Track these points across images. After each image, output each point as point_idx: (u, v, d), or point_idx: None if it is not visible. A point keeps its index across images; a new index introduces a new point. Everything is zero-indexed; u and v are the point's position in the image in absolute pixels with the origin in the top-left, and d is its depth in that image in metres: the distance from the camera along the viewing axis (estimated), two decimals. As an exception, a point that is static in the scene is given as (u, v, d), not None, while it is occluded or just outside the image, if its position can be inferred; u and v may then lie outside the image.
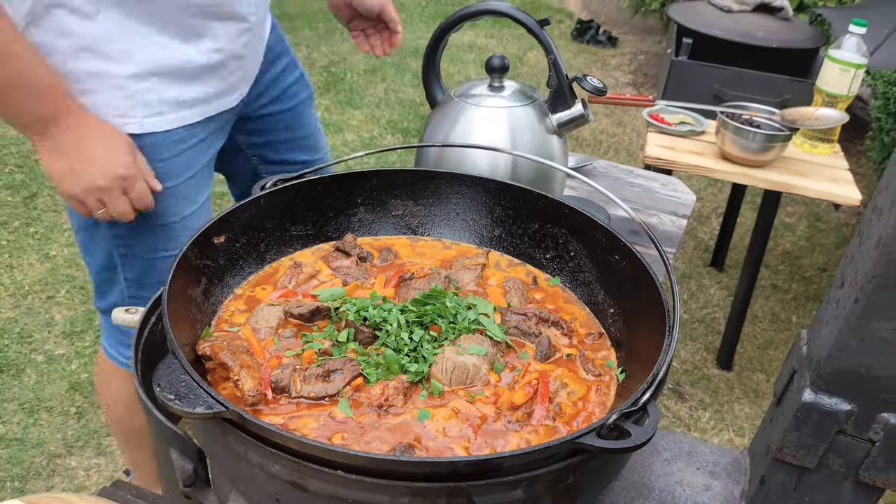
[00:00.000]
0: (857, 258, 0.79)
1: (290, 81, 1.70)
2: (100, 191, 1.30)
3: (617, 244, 1.07)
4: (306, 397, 0.90)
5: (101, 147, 1.29)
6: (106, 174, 1.29)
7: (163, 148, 1.41)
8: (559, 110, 1.39)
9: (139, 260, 1.49)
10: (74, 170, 1.28)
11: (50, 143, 1.26)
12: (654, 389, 0.79)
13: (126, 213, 1.35)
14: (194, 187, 1.50)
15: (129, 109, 1.35)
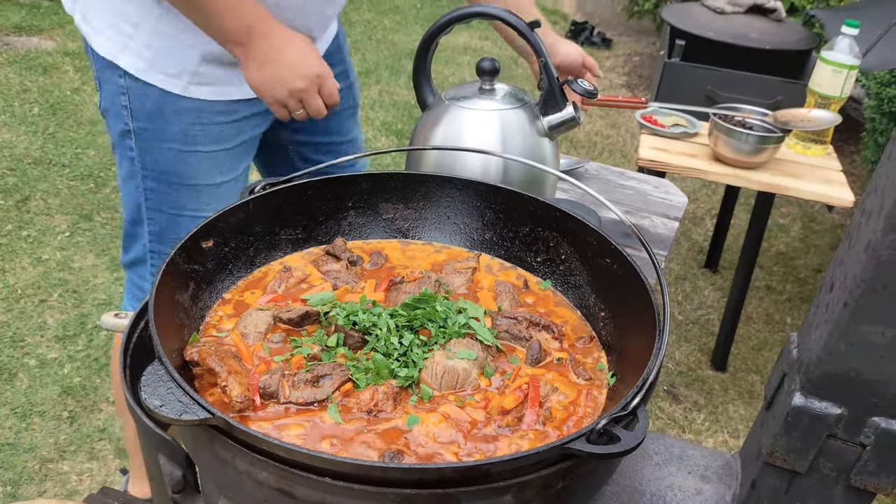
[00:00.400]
0: (847, 261, 0.78)
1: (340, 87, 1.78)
2: (300, 91, 1.40)
3: (608, 247, 1.07)
4: (295, 403, 0.90)
5: (295, 52, 1.38)
6: (304, 76, 1.39)
7: (204, 114, 1.51)
8: (550, 113, 1.38)
9: (164, 215, 1.58)
10: (277, 75, 1.38)
11: (254, 53, 1.36)
12: (644, 394, 0.79)
13: (320, 109, 1.44)
14: (228, 159, 1.58)
15: (182, 73, 1.47)
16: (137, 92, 1.48)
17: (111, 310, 2.93)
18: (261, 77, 1.39)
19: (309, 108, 1.43)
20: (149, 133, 1.51)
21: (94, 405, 2.47)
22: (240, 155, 1.61)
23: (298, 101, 1.41)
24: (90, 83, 4.65)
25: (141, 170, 1.54)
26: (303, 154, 1.84)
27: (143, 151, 1.53)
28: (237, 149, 1.59)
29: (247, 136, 1.61)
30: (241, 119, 1.57)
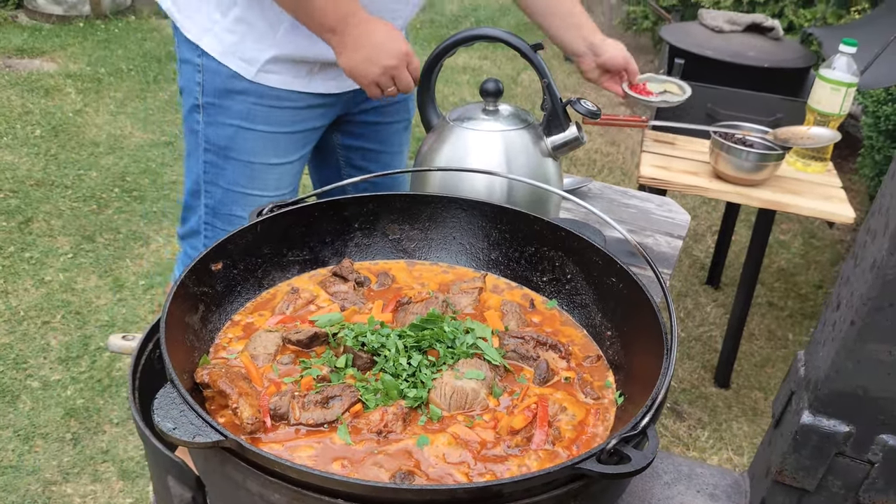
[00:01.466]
0: (853, 280, 0.79)
1: (394, 100, 1.87)
2: (392, 69, 1.49)
3: (613, 267, 1.08)
4: (305, 424, 0.90)
5: (382, 34, 1.48)
6: (394, 54, 1.48)
7: (266, 98, 1.63)
8: (554, 133, 1.40)
9: (219, 189, 1.71)
10: (370, 57, 1.47)
11: (347, 39, 1.47)
12: (654, 414, 0.79)
13: (409, 84, 1.53)
14: (285, 143, 1.70)
15: (254, 60, 1.59)
16: (211, 70, 1.61)
17: (114, 331, 2.94)
18: (355, 60, 1.48)
19: (400, 83, 1.51)
20: (215, 108, 1.63)
21: (97, 427, 2.46)
22: (296, 142, 1.72)
23: (390, 77, 1.50)
24: (92, 105, 4.68)
25: (204, 142, 1.67)
26: (350, 160, 1.95)
27: (208, 125, 1.65)
28: (295, 135, 1.70)
29: (306, 125, 1.71)
30: (302, 108, 1.68)
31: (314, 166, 2.03)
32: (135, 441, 2.44)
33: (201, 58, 1.61)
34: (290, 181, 1.78)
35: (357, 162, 1.95)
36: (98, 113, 4.60)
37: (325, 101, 1.72)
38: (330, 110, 1.76)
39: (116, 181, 3.89)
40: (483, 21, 7.29)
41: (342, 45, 1.49)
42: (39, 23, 5.91)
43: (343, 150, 1.95)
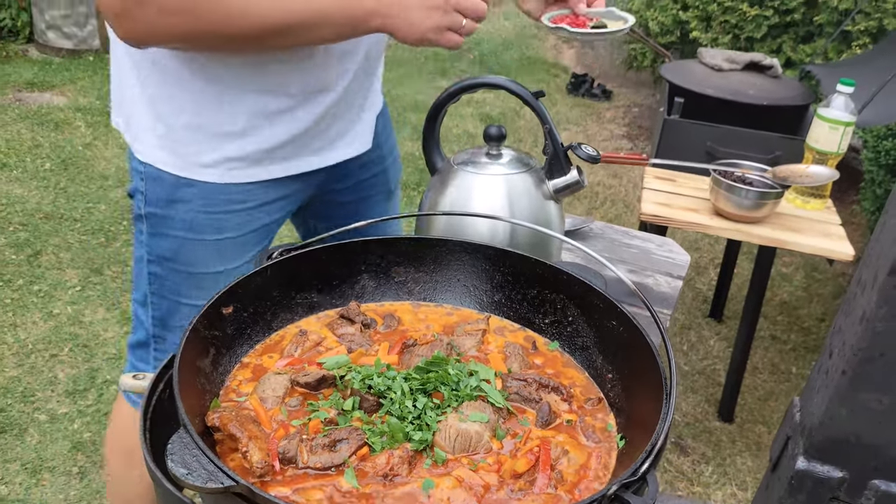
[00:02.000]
0: (844, 330, 0.82)
1: (371, 174, 1.74)
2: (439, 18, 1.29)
3: (613, 310, 1.11)
4: (313, 468, 0.92)
5: None
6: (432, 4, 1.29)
7: (214, 200, 1.48)
8: (555, 177, 1.43)
9: (166, 301, 1.57)
10: (418, 12, 1.29)
11: (390, 15, 1.29)
12: (653, 459, 0.81)
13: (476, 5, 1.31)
14: (233, 248, 1.54)
15: (216, 161, 1.45)
16: (153, 178, 1.48)
17: (121, 364, 2.96)
18: (410, 24, 1.29)
19: (465, 9, 1.30)
20: (157, 219, 1.50)
21: (103, 460, 2.48)
22: (249, 242, 1.56)
23: (451, 10, 1.30)
24: (101, 138, 4.75)
25: (147, 253, 1.54)
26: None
27: (151, 236, 1.52)
28: (249, 236, 1.55)
29: (260, 222, 1.56)
30: (254, 207, 1.53)
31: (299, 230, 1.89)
32: (140, 475, 2.45)
33: (145, 166, 1.48)
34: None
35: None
36: (107, 146, 4.67)
37: (286, 192, 1.56)
38: (291, 200, 1.61)
39: (125, 214, 3.94)
40: (486, 55, 7.40)
41: (391, 23, 1.29)
42: (49, 56, 6.02)
43: (318, 231, 1.77)
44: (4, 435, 2.55)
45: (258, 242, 1.60)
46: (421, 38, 1.30)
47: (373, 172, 1.76)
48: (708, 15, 4.98)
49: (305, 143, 1.53)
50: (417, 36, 1.30)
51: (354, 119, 1.61)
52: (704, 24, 5.02)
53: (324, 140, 1.56)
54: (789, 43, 4.76)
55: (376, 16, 1.28)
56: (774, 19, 4.72)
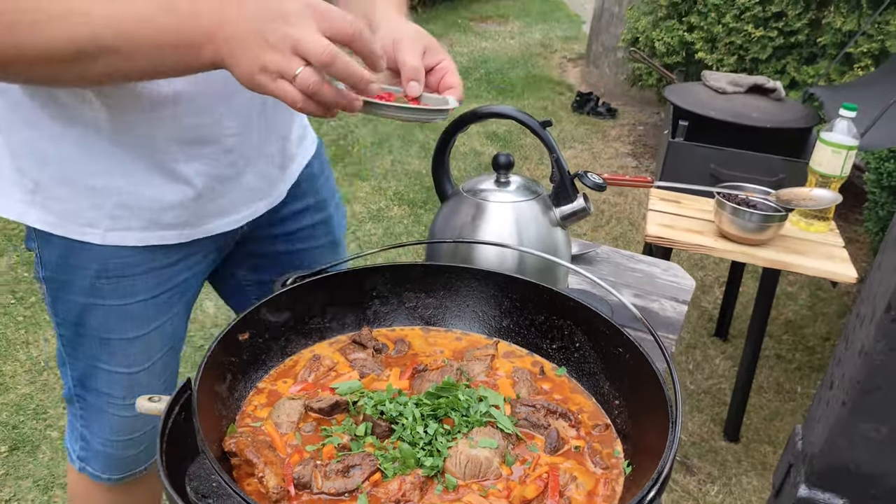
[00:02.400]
0: (844, 362, 0.84)
1: (310, 223, 1.57)
2: (286, 37, 0.94)
3: (619, 337, 1.13)
4: (327, 493, 0.95)
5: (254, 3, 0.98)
6: (274, 17, 0.95)
7: (110, 264, 1.32)
8: (562, 204, 1.46)
9: (80, 363, 1.43)
10: (247, 53, 0.96)
11: (224, 50, 0.97)
12: (659, 487, 0.84)
13: (323, 50, 0.94)
14: (147, 311, 1.39)
15: (95, 219, 1.28)
16: (44, 239, 1.32)
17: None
18: (243, 58, 0.96)
19: (308, 51, 0.93)
20: (56, 283, 1.35)
21: (113, 479, 2.50)
22: (164, 304, 1.41)
23: (289, 52, 0.94)
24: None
25: (53, 315, 1.41)
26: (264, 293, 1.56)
27: (54, 300, 1.38)
28: (163, 297, 1.40)
29: (176, 281, 1.41)
30: (170, 265, 1.38)
31: (221, 295, 1.69)
32: (150, 493, 2.47)
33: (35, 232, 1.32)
34: (165, 342, 1.46)
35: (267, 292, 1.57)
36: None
37: (206, 246, 1.40)
38: (213, 252, 1.45)
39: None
40: (492, 73, 7.46)
41: (230, 45, 0.97)
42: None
43: (252, 286, 1.60)
44: (17, 452, 2.57)
45: (179, 299, 1.44)
46: (250, 80, 0.97)
47: (313, 221, 1.58)
48: (713, 36, 5.03)
49: (201, 206, 1.35)
50: (247, 75, 0.97)
51: (265, 170, 1.42)
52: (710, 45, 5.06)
53: (227, 198, 1.38)
54: (793, 64, 4.80)
55: (210, 43, 0.97)
56: (779, 40, 4.76)
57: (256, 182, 1.41)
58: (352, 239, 4.24)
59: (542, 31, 9.43)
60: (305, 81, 0.95)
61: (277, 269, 1.46)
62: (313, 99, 0.97)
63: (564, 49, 8.67)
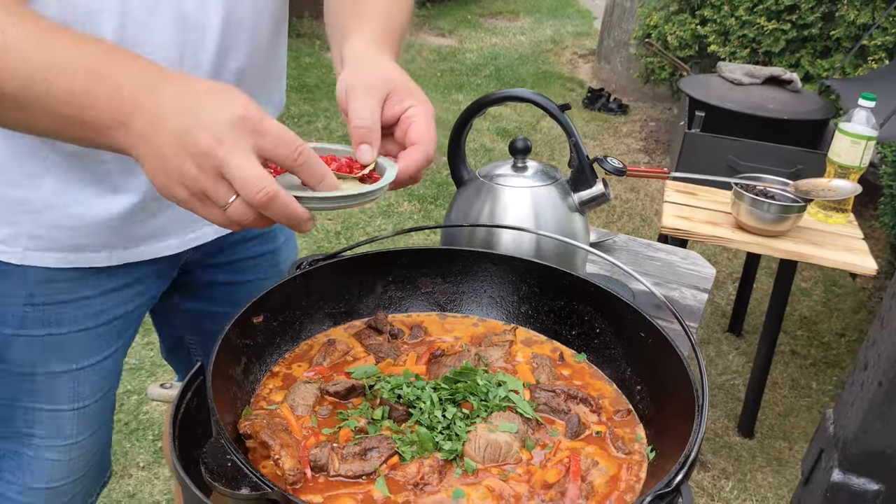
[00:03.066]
0: (879, 342, 0.82)
1: (255, 253, 1.43)
2: (196, 176, 0.80)
3: (642, 321, 1.11)
4: (344, 476, 0.93)
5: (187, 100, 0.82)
6: (197, 145, 0.80)
7: (37, 290, 1.17)
8: (581, 189, 1.44)
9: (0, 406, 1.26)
10: (163, 159, 0.82)
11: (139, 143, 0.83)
12: (687, 471, 0.81)
13: (237, 212, 0.82)
14: (80, 344, 1.23)
15: (11, 236, 1.13)
16: None
17: (141, 374, 2.98)
18: (158, 165, 0.82)
19: (234, 181, 0.80)
20: None
21: (124, 470, 2.49)
22: (100, 338, 1.25)
23: (217, 177, 0.80)
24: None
25: None
26: (198, 323, 1.46)
27: None
28: (96, 331, 1.24)
29: (110, 315, 1.25)
30: (96, 295, 1.22)
31: (155, 324, 1.54)
32: (160, 485, 2.46)
33: None
34: (102, 383, 1.30)
35: (206, 326, 1.44)
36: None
37: (137, 276, 1.25)
38: (154, 280, 1.30)
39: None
40: (502, 69, 7.43)
41: (145, 140, 0.82)
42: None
43: (184, 315, 1.46)
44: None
45: (119, 335, 1.30)
46: (165, 190, 0.83)
47: (260, 251, 1.45)
48: (726, 29, 4.99)
49: (137, 225, 1.20)
50: (161, 182, 0.83)
51: None
52: (722, 39, 5.02)
53: (167, 217, 1.23)
54: (807, 57, 4.76)
55: (127, 129, 0.82)
56: (792, 33, 4.72)
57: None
58: (362, 234, 4.22)
59: (553, 27, 9.40)
60: (238, 217, 0.82)
61: (213, 300, 1.42)
62: (243, 226, 0.85)
63: (575, 45, 8.63)
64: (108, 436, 1.40)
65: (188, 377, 1.04)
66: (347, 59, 1.05)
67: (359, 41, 1.08)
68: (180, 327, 1.49)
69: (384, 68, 1.04)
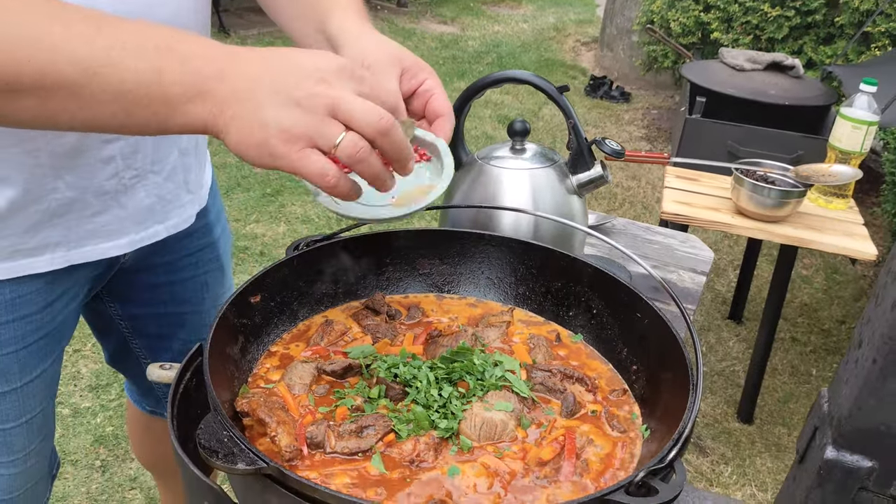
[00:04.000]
0: (874, 319, 0.82)
1: (194, 248, 1.37)
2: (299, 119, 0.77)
3: (639, 302, 1.11)
4: (340, 453, 0.93)
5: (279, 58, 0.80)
6: (320, 69, 0.79)
7: None
8: (579, 171, 1.44)
9: None
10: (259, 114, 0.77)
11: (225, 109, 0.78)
12: (681, 447, 0.82)
13: (376, 117, 0.79)
14: (18, 363, 1.16)
15: None
16: None
17: (142, 359, 2.99)
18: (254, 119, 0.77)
19: (354, 122, 0.78)
20: None
21: (125, 454, 2.50)
22: (28, 357, 1.17)
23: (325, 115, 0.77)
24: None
25: None
26: (141, 329, 1.42)
27: None
28: (29, 349, 1.17)
29: (43, 331, 1.17)
30: (39, 310, 1.14)
31: (97, 336, 1.49)
32: (161, 469, 2.47)
33: None
34: (47, 390, 1.25)
35: (151, 330, 1.41)
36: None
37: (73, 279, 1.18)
38: (82, 286, 1.22)
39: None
40: (504, 57, 7.40)
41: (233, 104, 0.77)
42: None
43: (127, 321, 1.40)
44: (28, 428, 2.58)
45: (60, 339, 1.23)
46: (260, 148, 0.78)
47: (198, 246, 1.39)
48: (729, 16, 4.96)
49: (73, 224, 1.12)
50: (256, 142, 0.78)
51: (165, 187, 1.21)
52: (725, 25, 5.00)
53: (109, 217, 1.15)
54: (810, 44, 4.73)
55: (201, 101, 0.77)
56: (796, 20, 4.69)
57: (151, 201, 1.19)
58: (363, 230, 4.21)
59: (556, 14, 9.36)
60: (352, 149, 0.78)
61: (156, 303, 1.37)
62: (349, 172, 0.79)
63: (578, 32, 8.60)
64: (53, 430, 1.36)
65: (186, 358, 1.04)
66: (342, 34, 1.04)
67: (345, 17, 1.06)
68: (125, 334, 1.44)
69: (389, 44, 1.03)
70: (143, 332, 1.44)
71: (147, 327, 1.43)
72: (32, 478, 1.32)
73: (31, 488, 1.33)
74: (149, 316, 1.41)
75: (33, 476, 1.32)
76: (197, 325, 1.45)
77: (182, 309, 1.42)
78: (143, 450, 1.83)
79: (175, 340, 1.46)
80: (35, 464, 1.31)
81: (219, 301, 1.44)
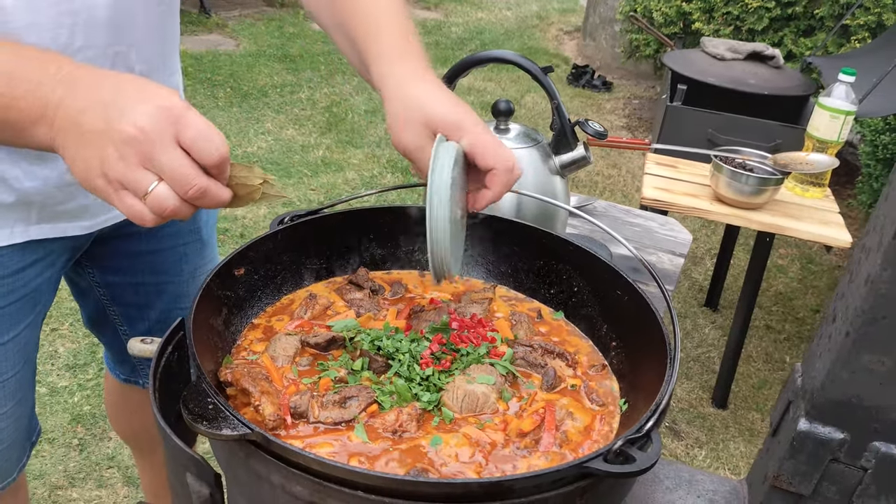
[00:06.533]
0: (847, 294, 0.84)
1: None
2: (115, 165, 0.78)
3: (619, 280, 1.12)
4: (324, 422, 0.94)
5: (110, 92, 0.80)
6: (141, 114, 0.78)
7: None
8: (562, 152, 1.45)
9: None
10: (84, 149, 0.80)
11: (60, 136, 0.82)
12: (658, 417, 0.83)
13: (182, 172, 0.79)
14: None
15: None
16: None
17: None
18: (78, 155, 0.80)
19: (164, 173, 0.78)
20: None
21: (103, 433, 2.50)
22: (14, 314, 1.21)
23: (138, 166, 0.78)
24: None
25: None
26: (119, 297, 1.45)
27: None
28: (4, 310, 1.19)
29: (20, 293, 1.20)
30: (7, 275, 1.16)
31: (76, 297, 1.54)
32: (140, 448, 2.47)
33: None
34: (21, 354, 1.26)
35: (129, 298, 1.44)
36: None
37: (51, 247, 1.22)
38: (61, 255, 1.26)
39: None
40: (488, 44, 7.39)
41: (64, 133, 0.80)
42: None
43: (104, 289, 1.44)
44: (4, 406, 2.56)
45: (34, 306, 1.25)
46: (86, 182, 0.81)
47: (191, 240, 1.44)
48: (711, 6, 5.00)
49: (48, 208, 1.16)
50: (82, 175, 0.80)
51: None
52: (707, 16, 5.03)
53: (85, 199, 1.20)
54: (790, 36, 4.78)
55: (44, 124, 0.81)
56: (776, 11, 4.73)
57: None
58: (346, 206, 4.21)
59: (539, 2, 9.35)
60: (160, 203, 0.79)
61: (136, 272, 1.39)
62: (164, 217, 0.81)
63: (561, 21, 8.60)
64: (32, 399, 1.38)
65: (168, 331, 1.04)
66: (385, 89, 1.04)
67: (393, 66, 1.05)
68: (102, 300, 1.46)
69: (427, 103, 1.01)
70: (121, 300, 1.46)
71: (124, 295, 1.45)
72: (6, 440, 1.32)
73: (8, 448, 1.34)
74: (126, 284, 1.43)
75: (7, 438, 1.32)
76: (175, 296, 1.46)
77: (160, 279, 1.44)
78: (120, 421, 1.83)
79: (152, 310, 1.47)
80: (10, 426, 1.31)
81: (198, 273, 1.47)
